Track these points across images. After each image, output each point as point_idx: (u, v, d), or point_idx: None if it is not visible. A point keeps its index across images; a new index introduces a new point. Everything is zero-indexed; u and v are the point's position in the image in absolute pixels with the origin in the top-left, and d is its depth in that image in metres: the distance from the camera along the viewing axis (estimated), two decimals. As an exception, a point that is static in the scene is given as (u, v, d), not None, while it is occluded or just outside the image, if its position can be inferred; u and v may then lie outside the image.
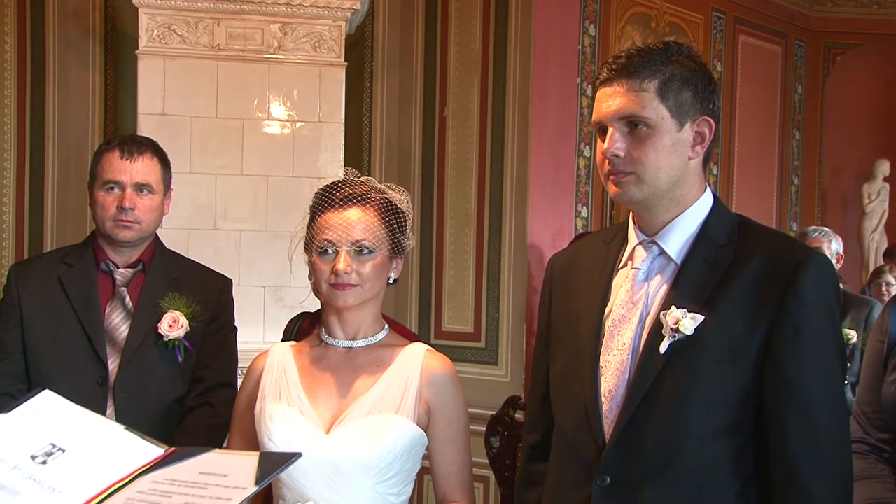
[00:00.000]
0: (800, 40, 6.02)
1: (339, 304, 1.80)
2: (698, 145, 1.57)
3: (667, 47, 1.57)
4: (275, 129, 3.75)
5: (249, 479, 1.34)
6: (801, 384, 1.49)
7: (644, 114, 1.52)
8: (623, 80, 1.54)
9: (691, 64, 1.56)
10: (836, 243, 4.11)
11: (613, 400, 1.56)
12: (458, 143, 4.17)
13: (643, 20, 4.86)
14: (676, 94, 1.53)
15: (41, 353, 2.25)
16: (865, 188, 6.21)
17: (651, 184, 1.55)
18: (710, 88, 1.58)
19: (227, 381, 2.33)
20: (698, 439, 1.50)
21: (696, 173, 1.60)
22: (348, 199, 1.81)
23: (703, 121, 1.56)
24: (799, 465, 1.48)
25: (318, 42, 3.76)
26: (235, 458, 1.48)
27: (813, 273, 1.50)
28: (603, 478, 1.54)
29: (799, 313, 1.48)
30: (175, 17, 3.65)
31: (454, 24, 4.20)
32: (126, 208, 2.25)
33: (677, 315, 1.50)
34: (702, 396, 1.50)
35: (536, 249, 3.98)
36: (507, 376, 3.99)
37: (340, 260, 1.77)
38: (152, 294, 2.30)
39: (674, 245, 1.59)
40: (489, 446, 2.71)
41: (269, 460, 1.40)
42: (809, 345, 1.49)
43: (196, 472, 1.39)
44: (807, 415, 1.49)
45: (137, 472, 1.43)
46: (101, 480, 1.39)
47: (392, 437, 1.74)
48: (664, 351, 1.50)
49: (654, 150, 1.53)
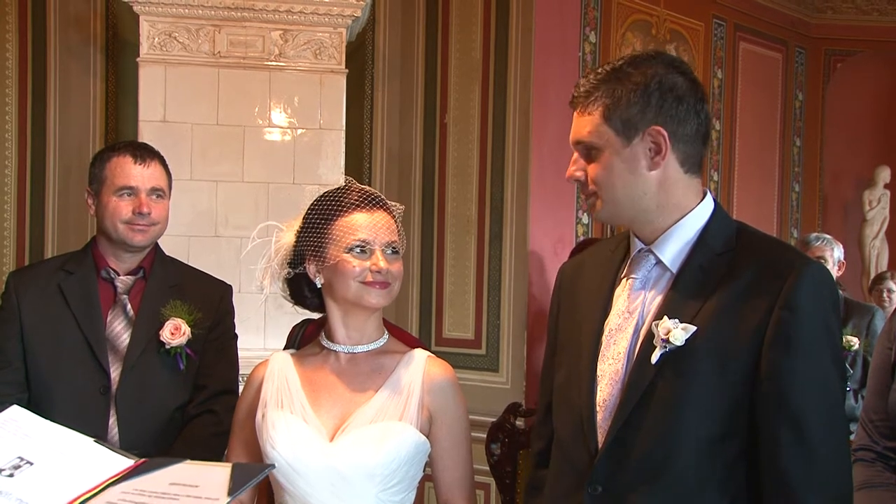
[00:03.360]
0: (800, 47, 6.03)
1: (374, 301, 1.80)
2: (657, 156, 1.55)
3: (617, 68, 1.57)
4: (275, 136, 3.75)
5: (221, 490, 1.35)
6: (794, 398, 1.45)
7: (589, 139, 1.57)
8: (577, 108, 1.60)
9: (641, 78, 1.54)
10: (837, 250, 4.11)
11: (607, 409, 1.56)
12: (459, 149, 4.17)
13: (644, 27, 4.86)
14: (623, 111, 1.54)
15: (42, 361, 2.24)
16: (866, 195, 6.20)
17: (611, 202, 1.57)
18: (667, 97, 1.54)
19: (230, 389, 2.32)
20: (689, 449, 1.48)
21: (677, 181, 1.57)
22: (377, 201, 1.84)
23: (653, 131, 1.54)
24: (790, 482, 1.45)
25: (319, 49, 3.76)
26: (207, 469, 1.47)
27: (806, 283, 1.47)
28: (595, 486, 1.54)
29: (791, 324, 1.45)
30: (176, 25, 3.66)
31: (455, 30, 4.20)
32: (144, 213, 2.26)
33: (668, 325, 1.49)
34: (692, 407, 1.48)
35: (537, 256, 3.98)
36: (507, 383, 3.98)
37: (380, 258, 1.79)
38: (153, 301, 2.30)
39: (669, 254, 1.58)
40: (490, 453, 2.70)
41: (241, 471, 1.40)
42: (803, 357, 1.45)
43: (166, 483, 1.40)
44: (799, 430, 1.45)
45: (106, 482, 1.43)
46: (70, 492, 1.40)
47: (396, 445, 1.74)
48: (655, 361, 1.50)
49: (603, 170, 1.56)
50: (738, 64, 5.56)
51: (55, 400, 2.20)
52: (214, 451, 2.13)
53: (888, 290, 5.04)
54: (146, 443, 2.17)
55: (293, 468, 1.75)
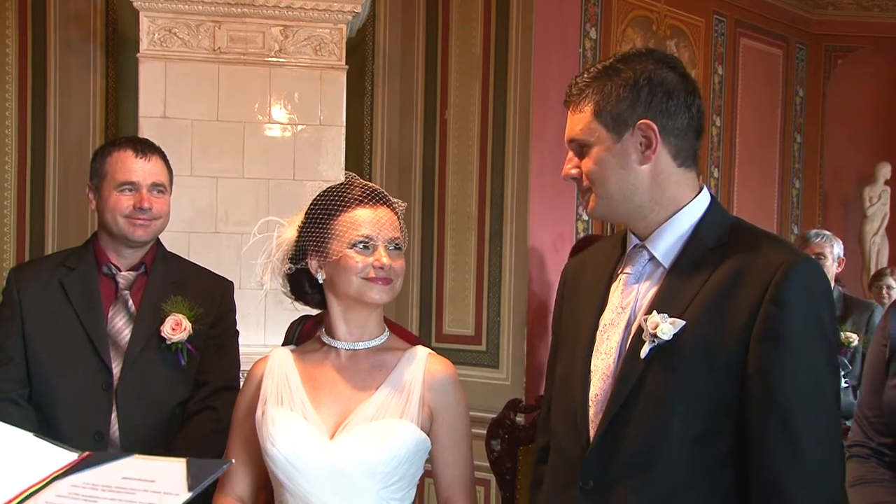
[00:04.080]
0: (801, 43, 6.02)
1: (377, 298, 1.80)
2: (647, 150, 1.56)
3: (610, 66, 1.59)
4: (276, 132, 3.75)
5: (180, 485, 1.33)
6: (783, 395, 1.43)
7: (581, 136, 1.59)
8: (570, 108, 1.63)
9: (630, 74, 1.56)
10: (837, 247, 4.12)
11: (598, 403, 1.57)
12: (459, 146, 4.17)
13: (644, 23, 4.86)
14: (613, 107, 1.56)
15: (43, 357, 2.23)
16: (867, 191, 6.20)
17: (605, 197, 1.59)
18: (658, 91, 1.55)
19: (230, 385, 2.32)
20: (677, 445, 1.48)
21: (669, 175, 1.58)
22: (380, 198, 1.84)
23: (643, 125, 1.55)
24: (780, 480, 1.44)
25: (319, 45, 3.76)
26: (160, 463, 1.45)
27: (795, 278, 1.45)
28: (586, 481, 1.54)
29: (779, 320, 1.44)
30: (176, 21, 3.65)
31: (455, 27, 4.20)
32: (145, 208, 2.25)
33: (656, 320, 1.49)
34: (680, 402, 1.48)
35: (537, 253, 3.98)
36: (507, 379, 3.98)
37: (384, 254, 1.79)
38: (155, 297, 2.29)
39: (662, 249, 1.59)
40: (490, 449, 2.70)
41: (198, 467, 1.38)
42: (791, 353, 1.44)
43: (119, 478, 1.38)
44: (787, 428, 1.44)
45: (52, 476, 1.41)
46: (14, 486, 1.38)
47: (397, 442, 1.74)
48: (644, 356, 1.50)
49: (596, 165, 1.58)
50: (739, 60, 5.55)
51: (56, 396, 2.20)
52: (214, 448, 2.13)
53: (888, 287, 5.05)
54: (147, 439, 2.17)
55: (293, 465, 1.75)
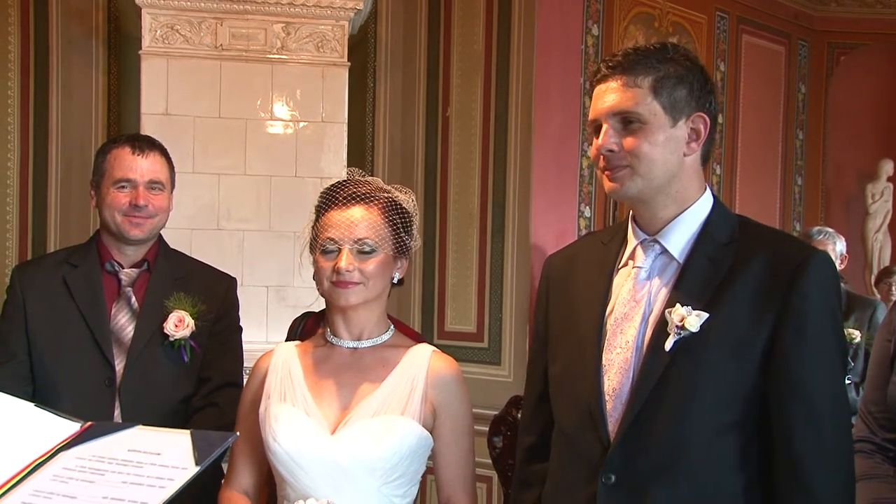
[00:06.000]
0: (803, 40, 6.01)
1: (341, 302, 1.80)
2: (693, 142, 1.58)
3: (662, 47, 1.59)
4: (278, 129, 3.75)
5: (188, 459, 1.31)
6: (805, 382, 1.50)
7: (637, 110, 1.54)
8: (618, 77, 1.57)
9: (686, 63, 1.58)
10: (840, 244, 4.12)
11: (618, 398, 1.56)
12: (461, 143, 4.17)
13: (646, 20, 4.85)
14: (671, 90, 1.55)
15: (47, 354, 2.24)
16: (869, 188, 6.20)
17: (645, 177, 1.56)
18: (705, 87, 1.59)
19: (234, 381, 2.32)
20: (704, 436, 1.51)
21: (694, 171, 1.61)
22: (352, 197, 1.81)
23: (698, 117, 1.57)
24: (803, 462, 1.50)
25: (321, 42, 3.76)
26: (165, 435, 1.44)
27: (816, 271, 1.52)
28: (608, 476, 1.54)
29: (802, 311, 1.50)
30: (178, 17, 3.65)
31: (457, 23, 4.19)
32: (140, 206, 2.25)
33: (682, 312, 1.51)
34: (707, 393, 1.51)
35: (539, 249, 3.98)
36: (510, 376, 3.98)
37: (342, 258, 1.77)
38: (158, 294, 2.29)
39: (676, 243, 1.60)
40: (492, 446, 2.70)
41: (204, 439, 1.37)
42: (812, 342, 1.51)
43: (125, 450, 1.36)
44: (811, 412, 1.50)
45: (57, 447, 1.40)
46: (20, 458, 1.37)
47: (398, 439, 1.74)
48: (669, 348, 1.51)
49: (647, 143, 1.54)
50: (741, 57, 5.55)
51: (60, 392, 2.20)
52: (218, 444, 2.13)
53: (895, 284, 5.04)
54: (150, 435, 2.18)
55: (294, 461, 1.75)
